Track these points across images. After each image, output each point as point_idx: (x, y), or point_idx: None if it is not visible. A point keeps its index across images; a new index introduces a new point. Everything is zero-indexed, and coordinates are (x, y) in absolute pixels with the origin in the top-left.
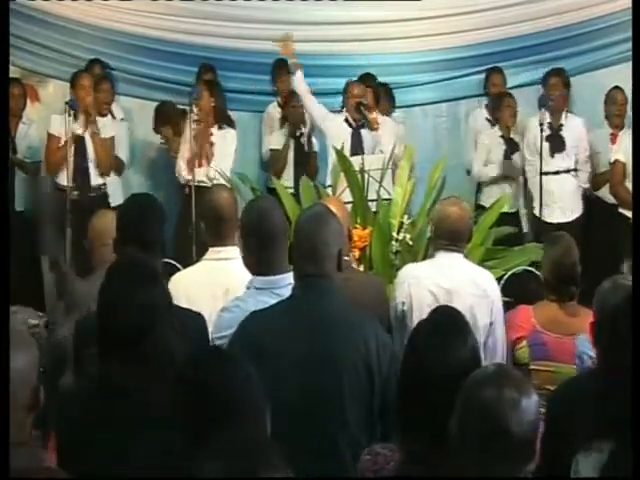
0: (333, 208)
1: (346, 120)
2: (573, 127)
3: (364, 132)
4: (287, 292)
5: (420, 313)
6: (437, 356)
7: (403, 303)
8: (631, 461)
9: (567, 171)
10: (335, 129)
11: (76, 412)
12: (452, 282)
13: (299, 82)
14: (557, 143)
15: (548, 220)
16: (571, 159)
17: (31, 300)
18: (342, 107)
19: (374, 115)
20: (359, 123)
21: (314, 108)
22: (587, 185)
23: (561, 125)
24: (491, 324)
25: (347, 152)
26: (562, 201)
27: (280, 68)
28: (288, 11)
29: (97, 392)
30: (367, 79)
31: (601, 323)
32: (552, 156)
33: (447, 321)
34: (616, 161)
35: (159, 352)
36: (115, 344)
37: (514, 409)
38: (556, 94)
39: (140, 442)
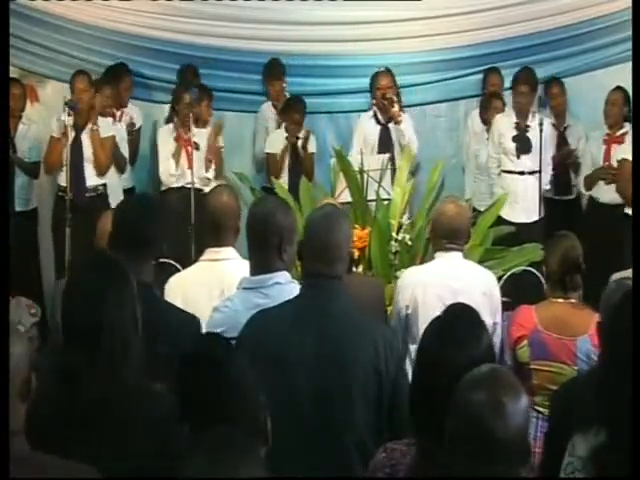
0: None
1: (374, 116)
2: (537, 128)
3: (392, 127)
4: (274, 292)
5: (426, 317)
6: (451, 353)
7: (407, 307)
8: (626, 451)
9: (531, 172)
10: (363, 128)
11: (44, 406)
12: (458, 282)
13: None
14: (524, 144)
15: (509, 220)
16: (536, 161)
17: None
18: (372, 103)
19: (396, 108)
20: (387, 118)
21: None
22: (548, 187)
23: (527, 126)
24: (494, 324)
25: (375, 150)
26: (525, 201)
27: (271, 70)
28: (288, 11)
29: (56, 383)
30: (388, 74)
31: (603, 323)
32: (518, 157)
33: (461, 318)
34: (624, 160)
35: (114, 349)
36: (73, 338)
37: (499, 412)
38: (523, 97)
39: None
